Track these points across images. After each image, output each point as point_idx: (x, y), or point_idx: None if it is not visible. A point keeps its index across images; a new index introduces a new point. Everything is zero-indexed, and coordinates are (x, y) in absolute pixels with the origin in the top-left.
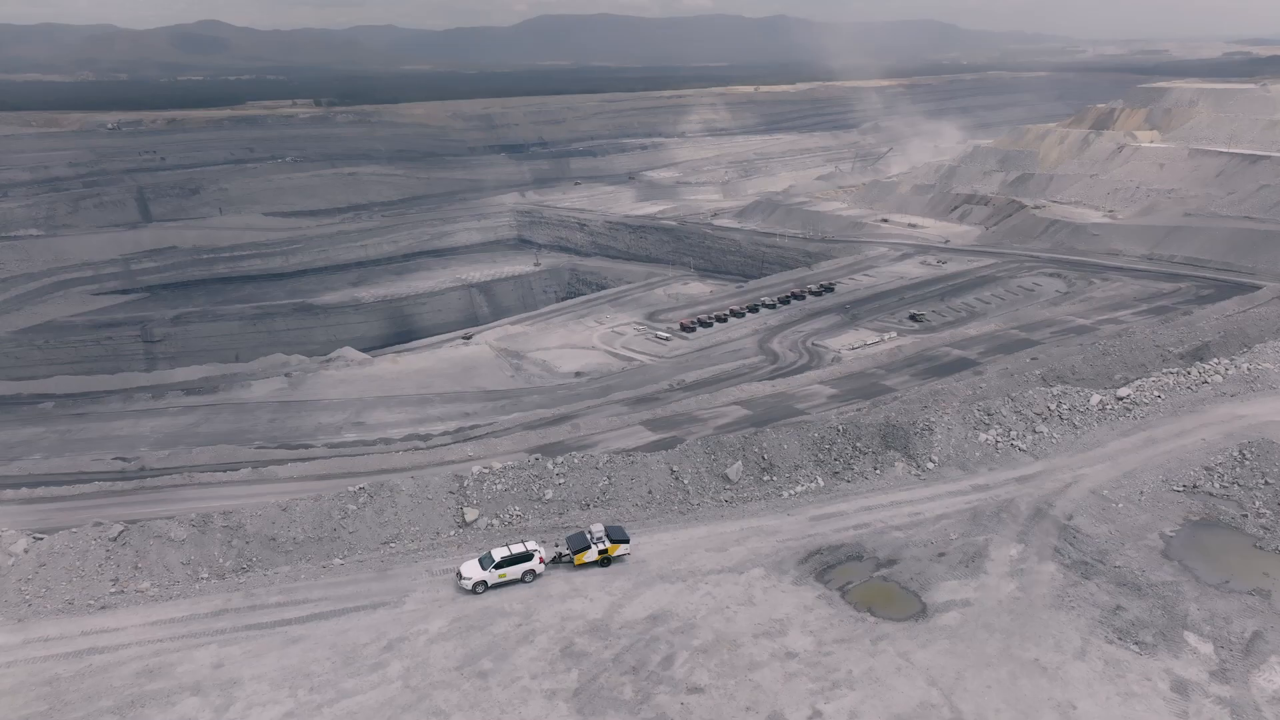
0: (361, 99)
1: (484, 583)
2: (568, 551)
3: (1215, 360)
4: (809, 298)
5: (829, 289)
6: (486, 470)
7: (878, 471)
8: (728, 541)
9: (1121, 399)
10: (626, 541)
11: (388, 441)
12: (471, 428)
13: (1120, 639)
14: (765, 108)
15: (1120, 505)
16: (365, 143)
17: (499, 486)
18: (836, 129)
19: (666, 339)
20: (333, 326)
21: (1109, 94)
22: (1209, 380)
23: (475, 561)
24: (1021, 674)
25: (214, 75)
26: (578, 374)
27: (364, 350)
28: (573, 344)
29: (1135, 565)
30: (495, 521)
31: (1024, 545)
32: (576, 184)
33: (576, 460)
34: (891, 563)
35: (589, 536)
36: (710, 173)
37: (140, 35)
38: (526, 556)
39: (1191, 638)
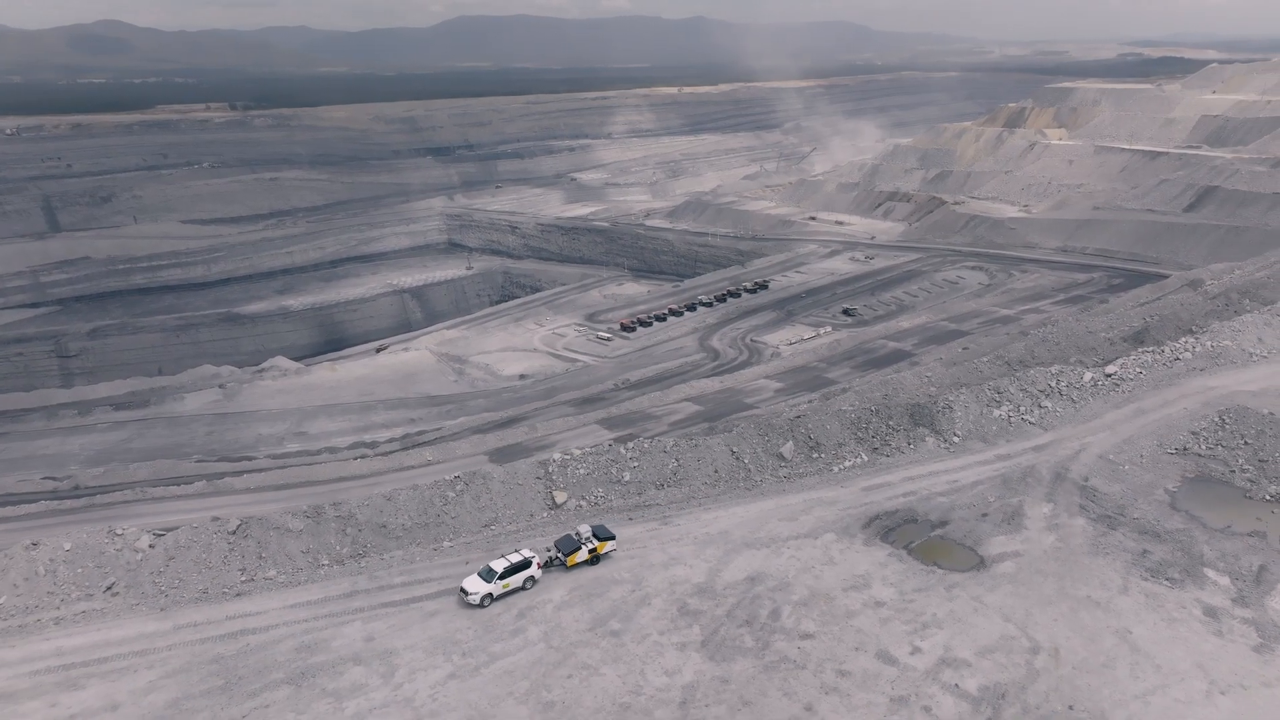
0: (278, 102)
1: (490, 595)
2: (560, 554)
3: (1183, 339)
4: (744, 295)
5: (763, 286)
6: (568, 457)
7: (911, 446)
8: (795, 512)
9: (1110, 376)
10: (613, 538)
11: (333, 450)
12: (419, 433)
13: (1153, 576)
14: (689, 109)
15: (1126, 467)
16: (285, 147)
17: (581, 471)
18: (759, 129)
19: (608, 339)
20: (260, 336)
21: (1016, 93)
22: (1180, 357)
23: (475, 576)
24: (1080, 608)
25: (116, 77)
26: (522, 376)
27: (296, 359)
28: (514, 347)
29: (1150, 516)
30: (583, 503)
31: (1053, 504)
32: (498, 187)
33: (646, 445)
34: (943, 523)
35: (578, 538)
36: (638, 174)
37: (34, 36)
38: (525, 564)
39: (1210, 573)
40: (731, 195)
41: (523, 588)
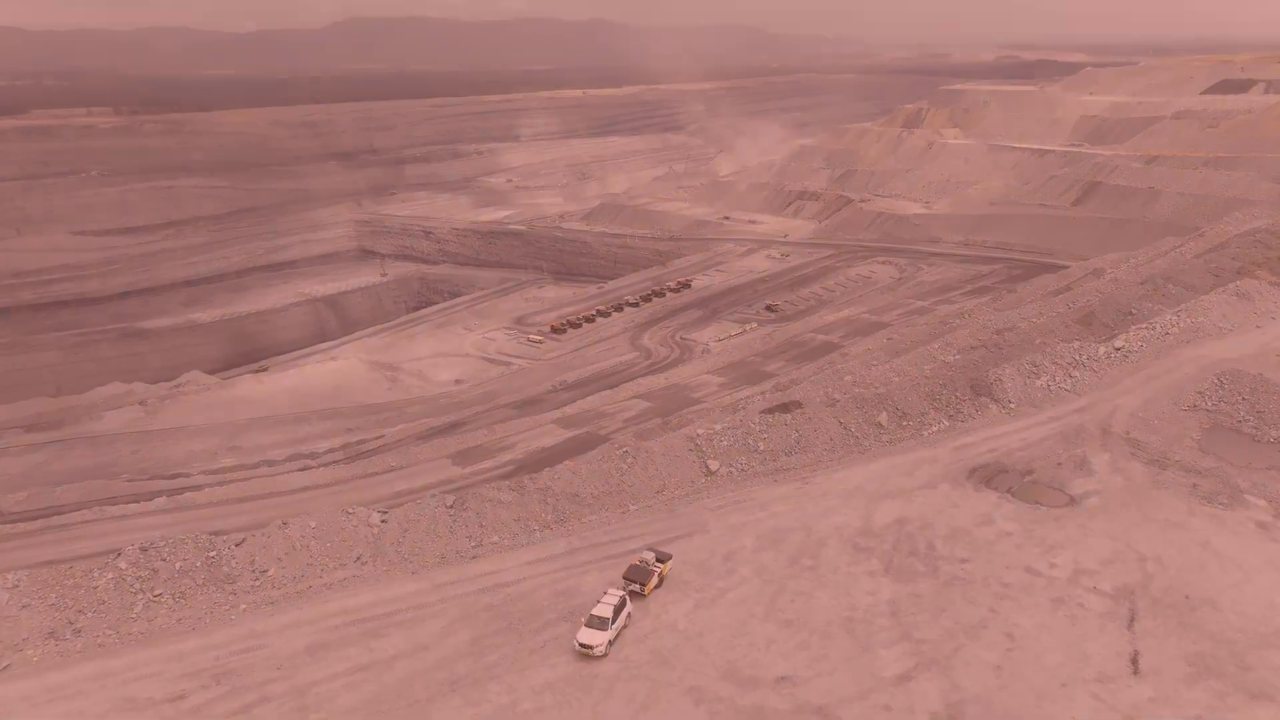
0: (166, 106)
1: (610, 642)
2: (636, 585)
3: (1166, 318)
4: (668, 295)
5: (686, 285)
6: (712, 431)
7: (978, 412)
8: (908, 469)
9: (1119, 349)
10: (670, 558)
11: (270, 463)
12: (359, 442)
13: (1209, 503)
14: (595, 111)
15: (1155, 422)
16: (180, 153)
17: (724, 443)
18: (665, 131)
19: (539, 342)
20: (168, 351)
21: (907, 94)
22: (1170, 332)
23: (587, 630)
24: (1165, 528)
25: None
26: (457, 381)
27: (209, 374)
28: (445, 352)
29: (1189, 458)
30: (732, 469)
31: (1110, 453)
32: (393, 193)
33: (771, 420)
34: (1030, 472)
35: (645, 564)
36: (549, 176)
37: None
38: (623, 603)
39: (1250, 498)
40: (645, 197)
41: (625, 625)
